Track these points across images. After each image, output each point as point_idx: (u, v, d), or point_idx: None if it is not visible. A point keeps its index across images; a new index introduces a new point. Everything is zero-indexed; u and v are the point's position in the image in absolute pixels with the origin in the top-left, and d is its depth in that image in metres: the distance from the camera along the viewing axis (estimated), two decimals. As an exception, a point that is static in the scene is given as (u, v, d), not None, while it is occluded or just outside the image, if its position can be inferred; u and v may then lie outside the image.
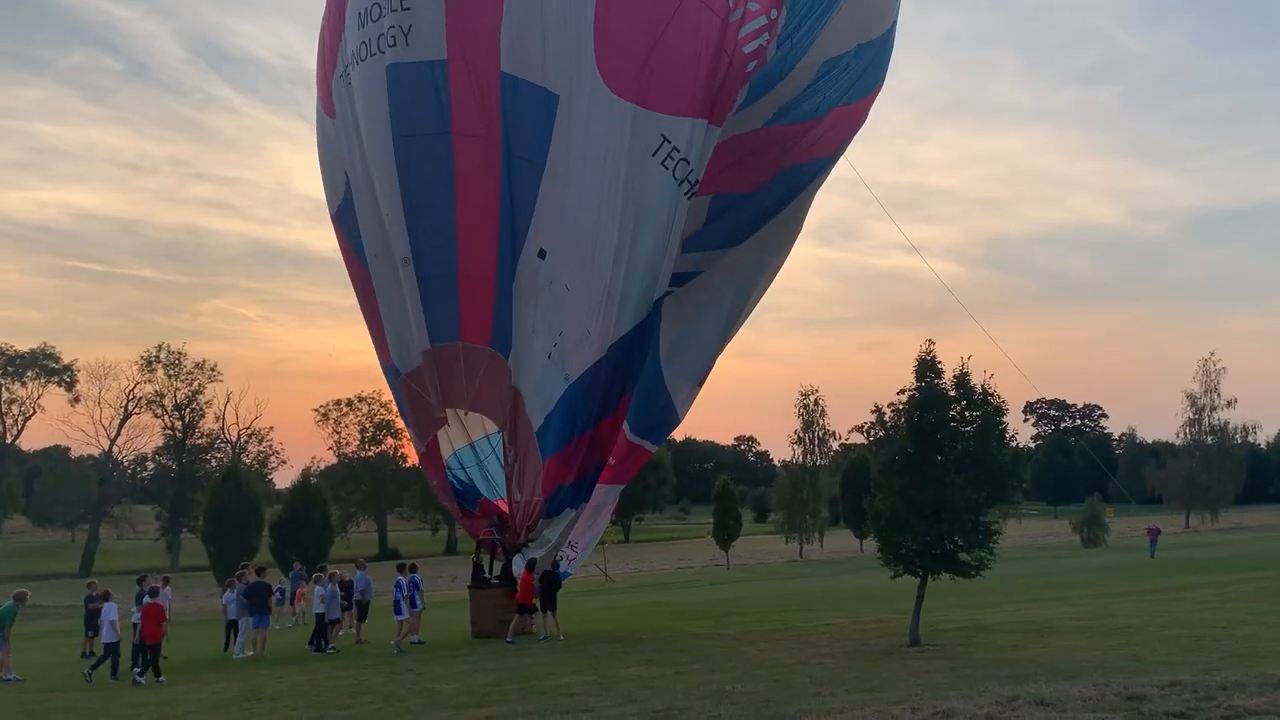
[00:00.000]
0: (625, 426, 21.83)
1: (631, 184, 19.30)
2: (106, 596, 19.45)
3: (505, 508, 21.42)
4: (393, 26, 20.09)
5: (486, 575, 21.65)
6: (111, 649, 17.88)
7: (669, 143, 19.25)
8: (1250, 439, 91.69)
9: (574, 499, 20.65)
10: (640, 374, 20.95)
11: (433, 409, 21.63)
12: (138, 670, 17.01)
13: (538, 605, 19.59)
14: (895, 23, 23.39)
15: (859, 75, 22.68)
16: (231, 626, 21.46)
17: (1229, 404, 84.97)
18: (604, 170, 19.27)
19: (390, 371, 23.55)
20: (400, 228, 20.46)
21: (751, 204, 22.75)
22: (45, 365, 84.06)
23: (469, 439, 22.45)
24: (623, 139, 19.19)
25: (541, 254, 19.63)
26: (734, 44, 19.38)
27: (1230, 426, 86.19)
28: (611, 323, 19.59)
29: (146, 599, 17.93)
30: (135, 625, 19.54)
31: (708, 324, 23.71)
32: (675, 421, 24.58)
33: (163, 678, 16.87)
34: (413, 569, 21.05)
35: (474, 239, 20.08)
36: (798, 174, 23.13)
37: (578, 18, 19.29)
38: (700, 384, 24.41)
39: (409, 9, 19.99)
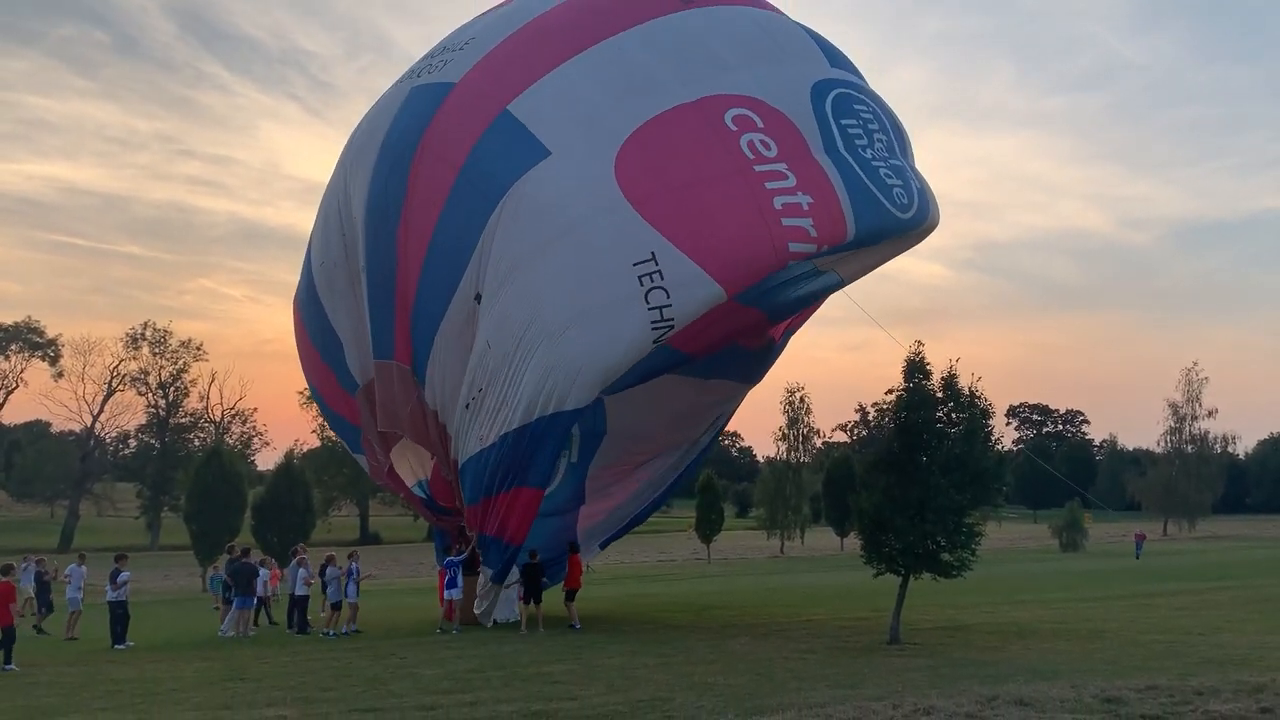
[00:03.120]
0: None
1: (593, 282, 17.38)
2: None
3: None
4: (441, 59, 20.18)
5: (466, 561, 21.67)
6: None
7: (655, 263, 17.09)
8: (1230, 449, 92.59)
9: (492, 558, 19.31)
10: (547, 475, 18.95)
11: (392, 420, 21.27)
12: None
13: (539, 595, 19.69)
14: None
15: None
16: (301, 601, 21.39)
17: (1210, 414, 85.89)
18: (570, 251, 17.59)
19: (323, 401, 23.38)
20: (359, 234, 20.05)
21: None
22: (29, 339, 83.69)
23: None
24: (606, 234, 17.46)
25: (478, 298, 18.32)
26: (778, 249, 17.56)
27: (1210, 436, 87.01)
28: (523, 406, 17.75)
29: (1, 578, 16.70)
30: (109, 604, 19.52)
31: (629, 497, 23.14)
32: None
33: (11, 665, 16.09)
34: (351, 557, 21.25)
35: (407, 259, 19.22)
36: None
37: (626, 112, 18.30)
38: (603, 546, 23.94)
39: (462, 49, 20.02)
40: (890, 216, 18.50)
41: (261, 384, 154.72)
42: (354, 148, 21.02)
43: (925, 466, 16.06)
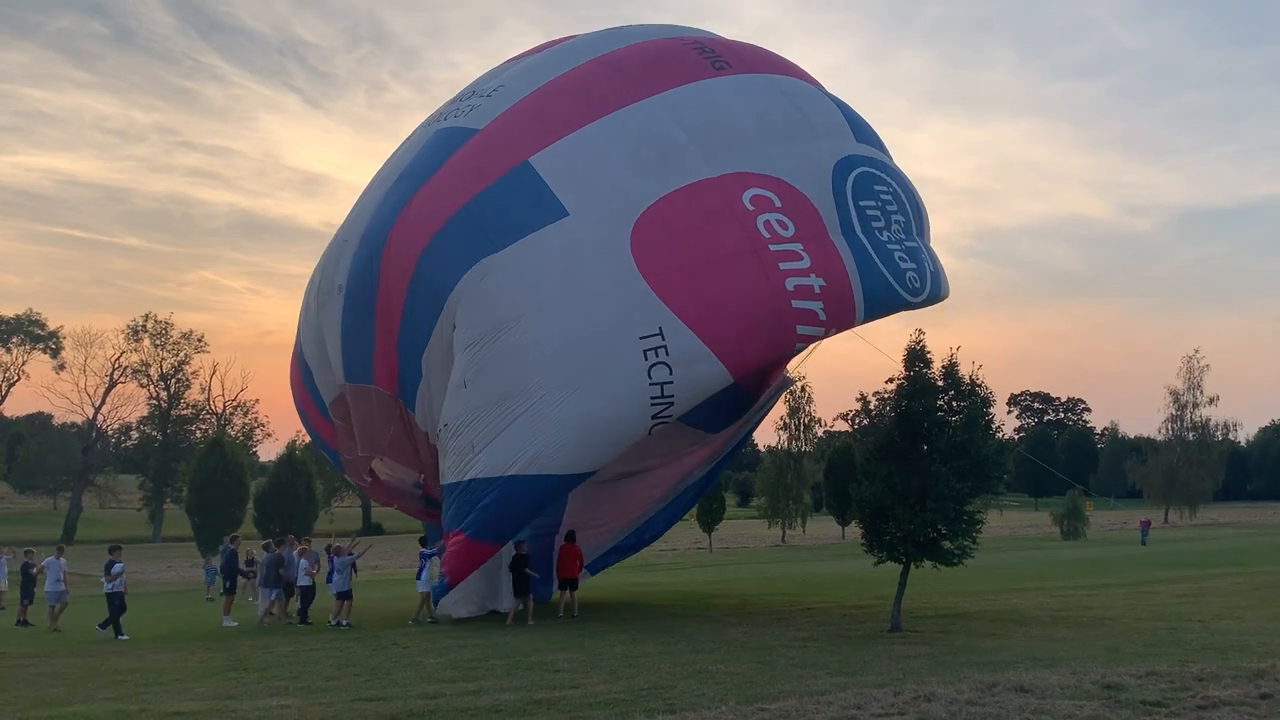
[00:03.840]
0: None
1: (596, 349, 17.04)
2: None
3: None
4: (468, 104, 20.20)
5: None
6: None
7: (662, 338, 16.88)
8: (1231, 436, 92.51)
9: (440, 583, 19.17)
10: (502, 537, 18.46)
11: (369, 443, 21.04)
12: None
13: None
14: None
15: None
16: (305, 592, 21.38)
17: (1211, 401, 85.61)
18: (576, 314, 17.26)
19: (307, 421, 23.11)
20: (350, 254, 19.72)
21: None
22: (30, 332, 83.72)
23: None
24: (615, 303, 17.21)
25: (453, 327, 17.97)
26: (787, 332, 17.71)
27: (1211, 423, 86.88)
28: (497, 458, 17.19)
29: None
30: (106, 595, 19.54)
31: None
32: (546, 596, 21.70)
33: None
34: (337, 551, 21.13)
35: (389, 281, 18.76)
36: None
37: (647, 182, 18.21)
38: (593, 572, 23.73)
39: (490, 95, 20.01)
40: (900, 300, 18.55)
41: (263, 375, 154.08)
42: (374, 183, 21.02)
43: (926, 455, 16.12)
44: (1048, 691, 10.11)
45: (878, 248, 18.64)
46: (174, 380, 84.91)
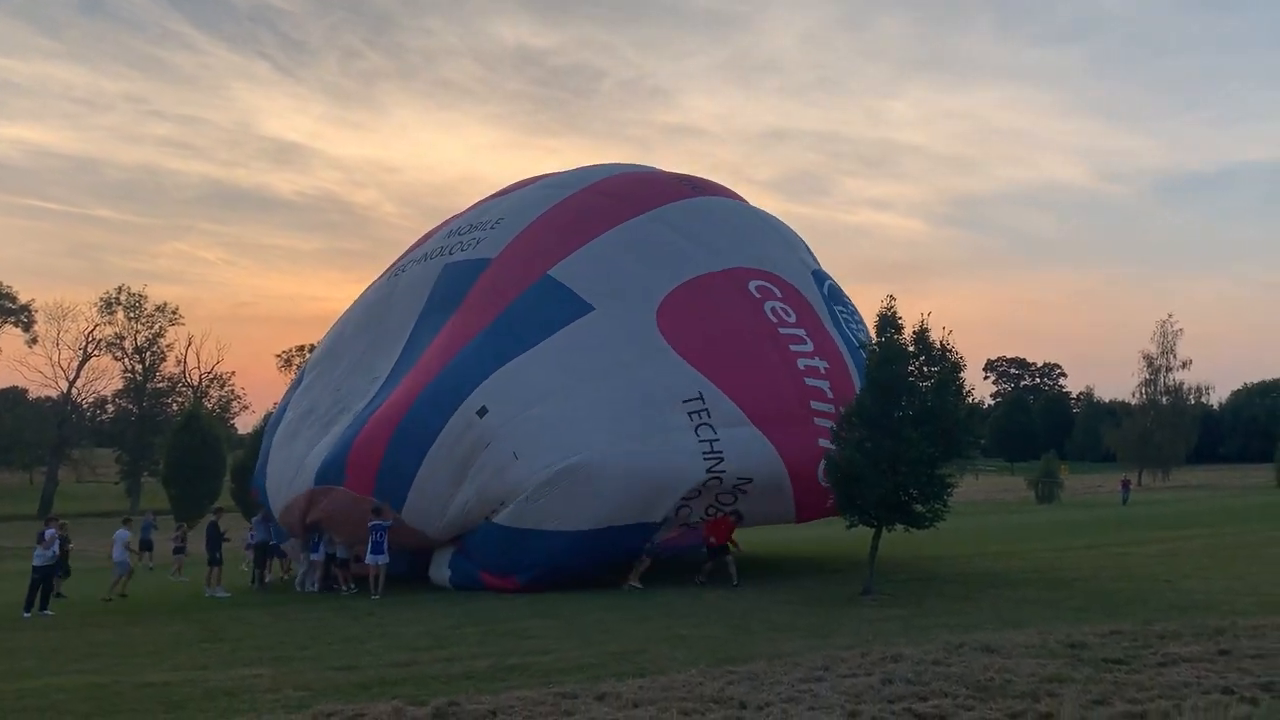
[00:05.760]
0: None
1: (644, 413, 18.04)
2: None
3: None
4: (471, 237, 21.47)
5: None
6: None
7: (703, 402, 18.24)
8: (1204, 400, 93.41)
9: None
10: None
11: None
12: None
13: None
14: None
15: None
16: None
17: (1184, 365, 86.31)
18: (620, 385, 18.23)
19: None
20: (378, 385, 20.20)
21: None
22: (1, 305, 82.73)
23: None
24: (653, 373, 18.46)
25: (482, 411, 18.03)
26: (804, 407, 19.11)
27: (1185, 387, 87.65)
28: (569, 517, 17.68)
29: None
30: (35, 567, 19.28)
31: None
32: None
33: None
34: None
35: (403, 392, 19.18)
36: None
37: (660, 277, 19.92)
38: None
39: (494, 228, 21.40)
40: None
41: (239, 347, 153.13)
42: (390, 322, 21.42)
43: (898, 420, 16.21)
44: (1013, 651, 10.27)
45: (859, 344, 20.42)
46: (149, 353, 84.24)
